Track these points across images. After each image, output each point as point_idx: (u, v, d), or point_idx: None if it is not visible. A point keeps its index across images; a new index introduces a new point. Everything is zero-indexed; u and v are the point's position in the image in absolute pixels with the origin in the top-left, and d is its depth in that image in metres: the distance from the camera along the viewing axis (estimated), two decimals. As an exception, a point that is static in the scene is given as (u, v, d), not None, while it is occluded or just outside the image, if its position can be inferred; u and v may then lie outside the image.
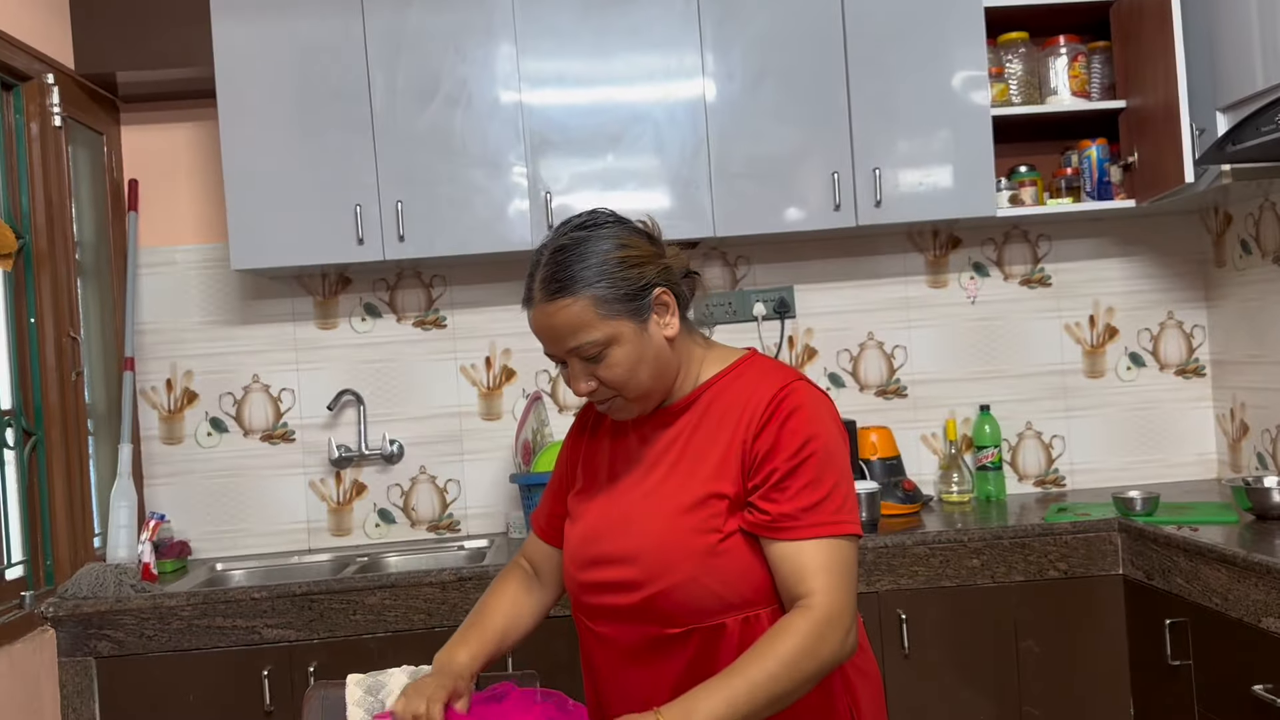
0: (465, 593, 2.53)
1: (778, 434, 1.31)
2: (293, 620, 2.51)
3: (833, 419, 1.36)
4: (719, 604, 1.32)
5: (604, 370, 1.33)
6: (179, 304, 3.06)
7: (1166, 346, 3.17)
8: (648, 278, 1.34)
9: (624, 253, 1.33)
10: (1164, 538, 2.39)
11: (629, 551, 1.35)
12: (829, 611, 1.26)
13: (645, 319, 1.34)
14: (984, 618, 2.58)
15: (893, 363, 3.15)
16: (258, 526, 3.07)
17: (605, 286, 1.31)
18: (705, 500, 1.33)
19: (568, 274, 1.31)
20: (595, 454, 1.49)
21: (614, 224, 1.36)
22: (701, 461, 1.36)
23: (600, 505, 1.43)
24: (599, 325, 1.31)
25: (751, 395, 1.36)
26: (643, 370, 1.35)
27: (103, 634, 2.48)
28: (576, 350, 1.33)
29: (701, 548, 1.31)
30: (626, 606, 1.35)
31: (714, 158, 2.79)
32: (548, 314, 1.32)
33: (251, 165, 2.74)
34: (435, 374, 3.11)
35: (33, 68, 2.61)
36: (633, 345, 1.33)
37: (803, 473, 1.30)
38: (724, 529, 1.32)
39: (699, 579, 1.31)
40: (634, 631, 1.36)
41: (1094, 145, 2.93)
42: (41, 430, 2.62)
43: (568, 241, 1.33)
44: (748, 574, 1.32)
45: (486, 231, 2.78)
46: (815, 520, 1.29)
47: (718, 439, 1.36)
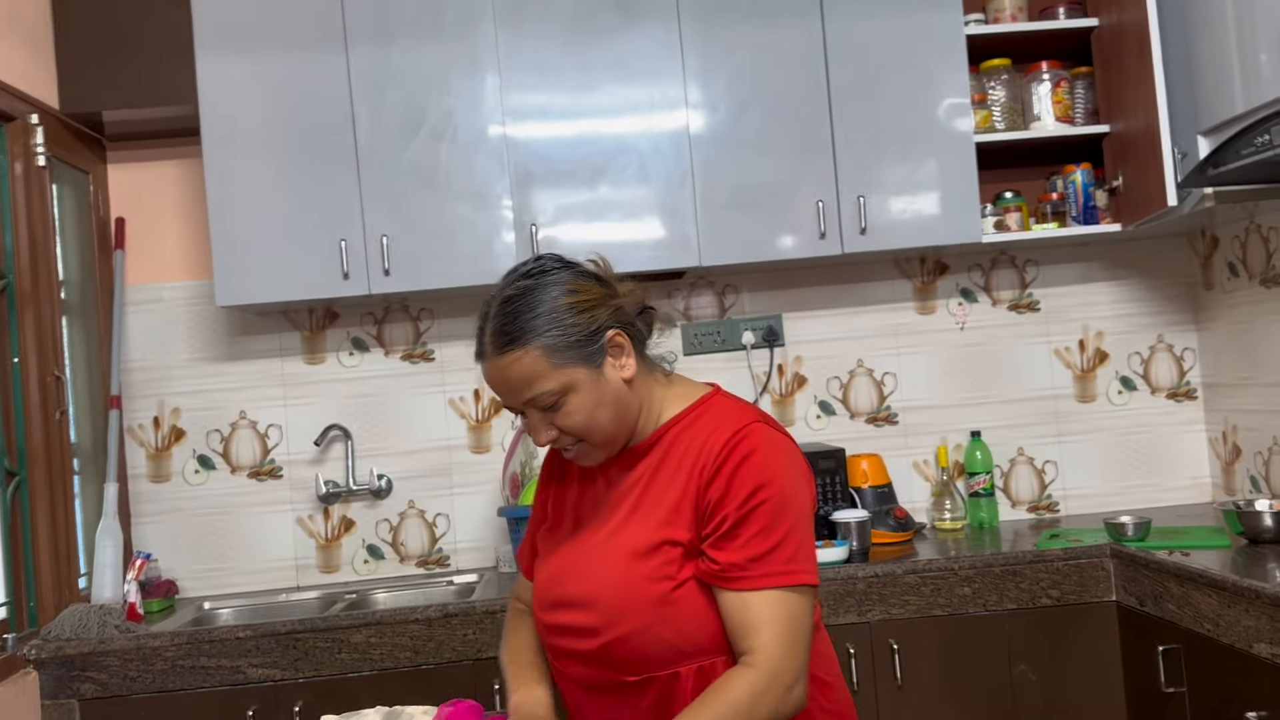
0: (451, 629, 2.51)
1: (729, 481, 1.29)
2: (278, 659, 2.48)
3: (790, 463, 1.32)
4: (673, 653, 1.29)
5: (562, 419, 1.31)
6: (166, 341, 3.05)
7: (1157, 370, 3.16)
8: (599, 321, 1.32)
9: (572, 298, 1.31)
10: (1155, 563, 2.37)
11: (587, 596, 1.33)
12: (770, 669, 1.24)
13: (599, 363, 1.32)
14: (977, 646, 2.55)
15: (883, 390, 3.13)
16: (246, 564, 3.04)
17: (555, 335, 1.29)
18: (659, 547, 1.31)
19: (516, 325, 1.29)
20: (564, 492, 1.47)
21: (560, 269, 1.34)
22: (657, 506, 1.33)
23: (565, 546, 1.41)
24: (552, 375, 1.29)
25: (709, 439, 1.33)
26: (602, 415, 1.32)
27: (86, 676, 2.46)
28: (533, 401, 1.31)
29: (655, 595, 1.29)
30: (585, 651, 1.34)
31: (699, 188, 2.79)
32: (500, 367, 1.30)
33: (236, 201, 2.74)
34: (424, 407, 3.09)
35: (16, 108, 2.62)
36: (589, 392, 1.31)
37: (753, 521, 1.27)
38: (678, 576, 1.29)
39: (652, 627, 1.29)
40: (596, 675, 1.35)
41: (1079, 170, 2.94)
42: (25, 470, 2.60)
43: (514, 291, 1.31)
44: (702, 622, 1.29)
45: (473, 264, 2.78)
46: (765, 570, 1.26)
47: (674, 483, 1.33)
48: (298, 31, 2.75)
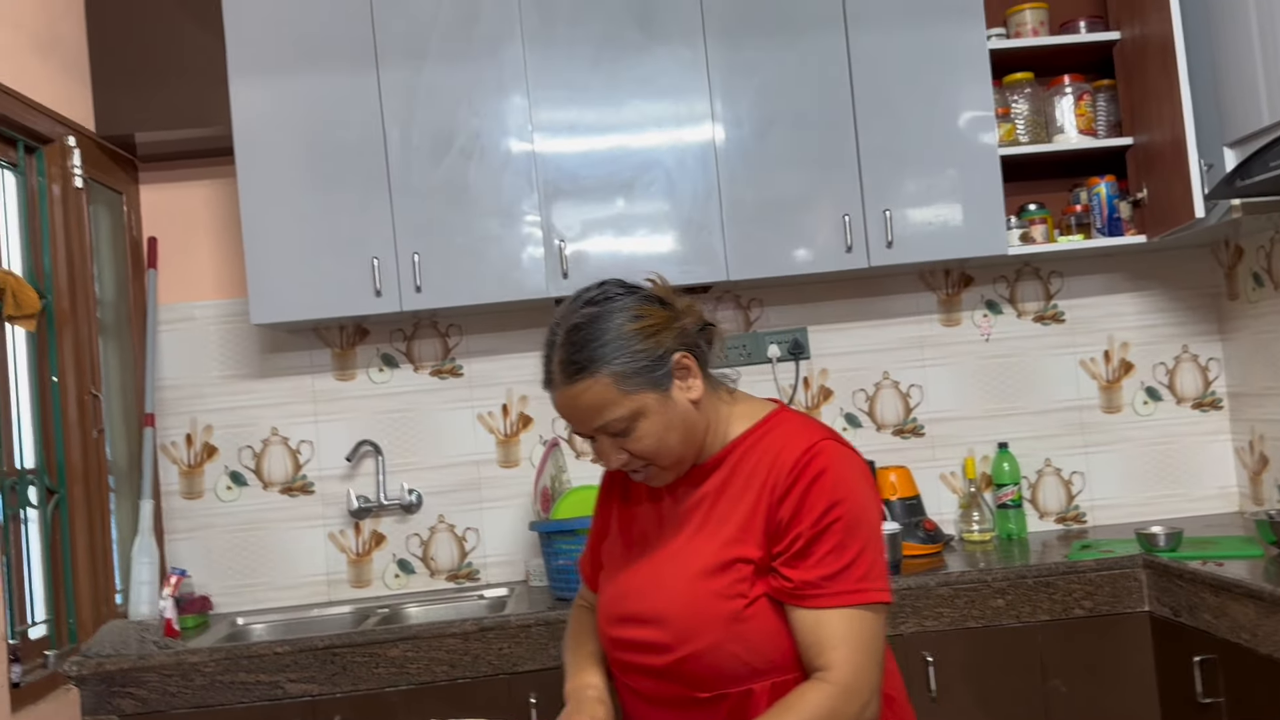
0: (488, 643, 2.52)
1: (802, 498, 1.30)
2: (315, 674, 2.50)
3: (862, 480, 1.34)
4: (746, 670, 1.31)
5: (633, 444, 1.33)
6: (198, 359, 3.08)
7: (1182, 380, 3.17)
8: (665, 345, 1.33)
9: (638, 324, 1.32)
10: (1189, 573, 2.37)
11: (657, 612, 1.35)
12: (844, 684, 1.25)
13: (667, 387, 1.33)
14: (1010, 658, 2.56)
15: (909, 402, 3.15)
16: (278, 579, 3.07)
17: (624, 362, 1.30)
18: (730, 564, 1.32)
19: (585, 354, 1.29)
20: (629, 509, 1.49)
21: (624, 294, 1.35)
22: (726, 523, 1.35)
23: (631, 561, 1.43)
24: (622, 402, 1.30)
25: (778, 456, 1.34)
26: (671, 438, 1.34)
27: (126, 692, 2.48)
28: (603, 428, 1.32)
29: (727, 613, 1.30)
30: (657, 667, 1.35)
31: (725, 202, 2.82)
32: (570, 396, 1.31)
33: (270, 220, 2.77)
34: (453, 422, 3.12)
35: (55, 131, 2.66)
36: (659, 415, 1.32)
37: (826, 539, 1.29)
38: (750, 594, 1.31)
39: (725, 645, 1.30)
40: (665, 690, 1.36)
41: (1103, 182, 2.96)
42: (64, 488, 2.63)
43: (580, 320, 1.32)
44: (775, 640, 1.31)
45: (501, 280, 2.80)
46: (838, 589, 1.28)
47: (743, 500, 1.35)
48: (330, 53, 2.78)
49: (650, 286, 1.40)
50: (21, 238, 2.59)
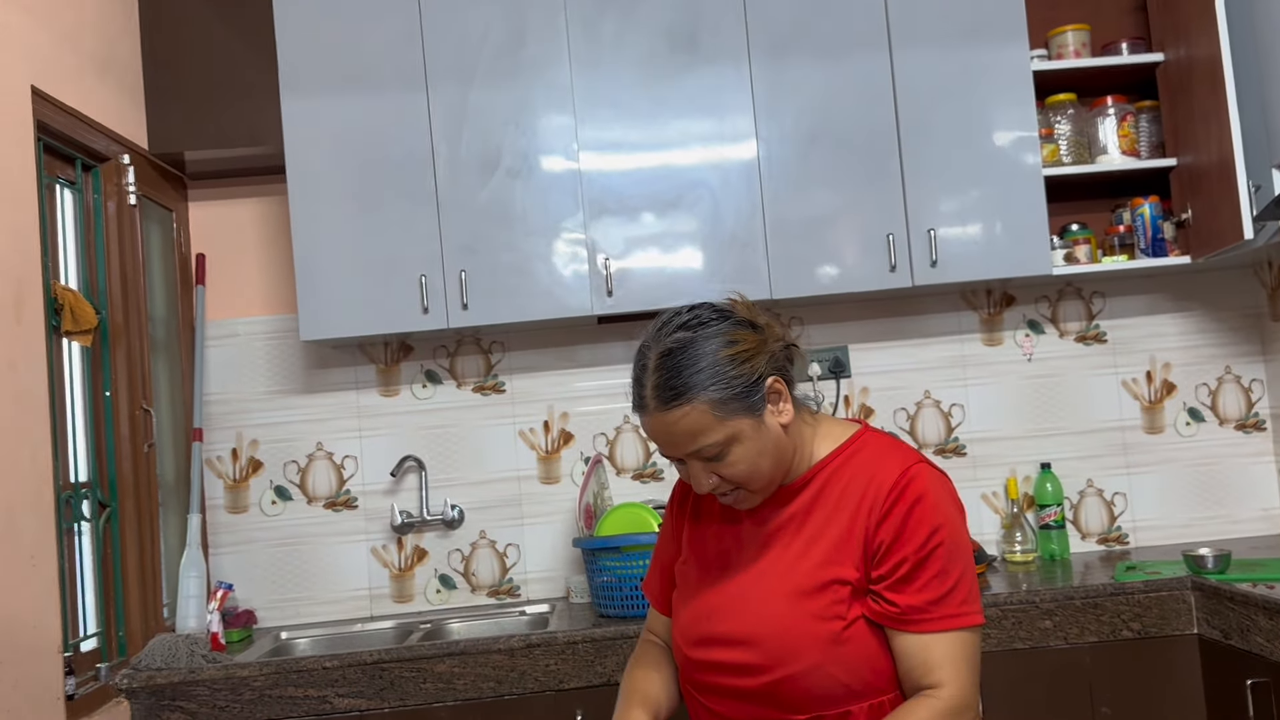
0: (534, 659, 2.53)
1: (903, 523, 1.31)
2: (364, 689, 2.52)
3: (955, 503, 1.36)
4: (845, 692, 1.32)
5: (726, 469, 1.33)
6: (244, 375, 3.12)
7: (1225, 401, 3.16)
8: (759, 370, 1.33)
9: (733, 350, 1.32)
10: (1241, 596, 2.36)
11: (747, 634, 1.35)
12: (956, 702, 1.28)
13: (761, 412, 1.33)
14: (1058, 680, 2.55)
15: (950, 421, 3.15)
16: (321, 594, 3.08)
17: (719, 389, 1.29)
18: (828, 585, 1.33)
19: (681, 380, 1.29)
20: (703, 528, 1.48)
21: (717, 320, 1.35)
22: (818, 543, 1.35)
23: (712, 581, 1.43)
24: (718, 428, 1.30)
25: (873, 478, 1.35)
26: (764, 463, 1.34)
27: (176, 705, 2.50)
28: (697, 453, 1.32)
29: (826, 635, 1.31)
30: (747, 689, 1.35)
31: (769, 220, 2.83)
32: (665, 422, 1.31)
33: (319, 238, 2.80)
34: (495, 439, 3.14)
35: (111, 149, 2.70)
36: (752, 441, 1.32)
37: (930, 564, 1.30)
38: (847, 616, 1.32)
39: (824, 667, 1.31)
40: (753, 712, 1.36)
41: (1147, 203, 2.96)
42: (115, 502, 2.66)
43: (675, 345, 1.31)
44: (873, 661, 1.32)
45: (546, 298, 2.82)
46: (943, 613, 1.30)
47: (836, 521, 1.36)
48: (380, 73, 2.82)
49: (734, 307, 1.40)
50: (79, 254, 2.63)
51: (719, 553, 1.44)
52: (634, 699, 1.44)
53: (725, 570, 1.42)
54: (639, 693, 1.45)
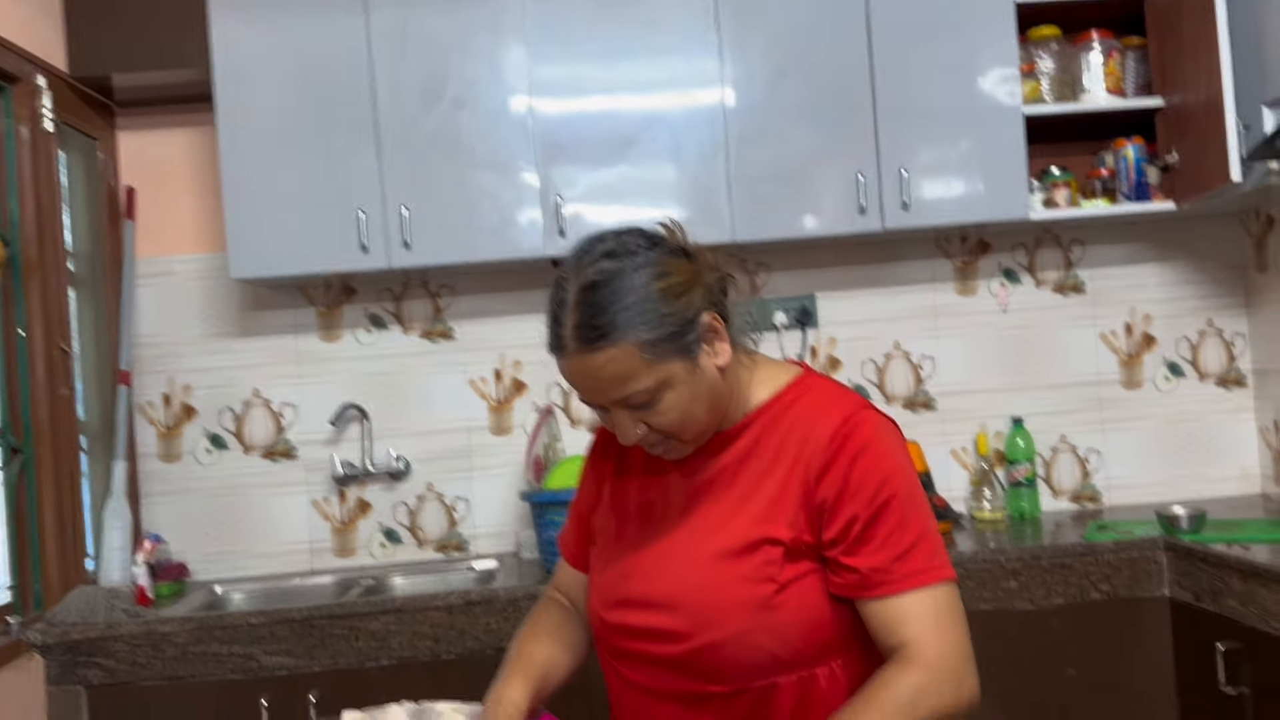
0: (474, 618, 2.41)
1: (846, 476, 1.17)
2: (292, 647, 2.38)
3: (904, 451, 1.22)
4: (772, 662, 1.17)
5: (655, 417, 1.17)
6: (177, 316, 2.95)
7: (1206, 355, 3.03)
8: (694, 306, 1.17)
9: (665, 283, 1.15)
10: (1214, 557, 2.25)
11: (668, 597, 1.21)
12: (929, 661, 1.12)
13: (696, 354, 1.17)
14: (1023, 643, 2.44)
15: (920, 374, 3.01)
16: (259, 547, 2.94)
17: (650, 328, 1.13)
18: (757, 545, 1.18)
19: (606, 318, 1.13)
20: (627, 479, 1.33)
21: (647, 248, 1.18)
22: (751, 500, 1.21)
23: (633, 537, 1.28)
24: (647, 372, 1.14)
25: (811, 427, 1.20)
26: (698, 409, 1.19)
27: (93, 662, 2.36)
28: (624, 401, 1.16)
29: (754, 600, 1.17)
30: (665, 656, 1.21)
31: (733, 161, 2.67)
32: (587, 366, 1.14)
33: (251, 170, 2.63)
34: (443, 387, 2.98)
35: (22, 69, 2.51)
36: (685, 386, 1.17)
37: (885, 518, 1.15)
38: (779, 579, 1.17)
39: (750, 634, 1.16)
40: (673, 682, 1.22)
41: (1130, 144, 2.81)
42: (30, 448, 2.50)
43: (599, 277, 1.15)
44: (805, 629, 1.17)
45: (495, 238, 2.66)
46: (909, 569, 1.15)
47: (771, 475, 1.21)
48: (316, -8, 2.63)
49: (664, 233, 1.23)
50: (-14, 182, 2.45)
51: (642, 506, 1.30)
52: (517, 667, 1.30)
53: (648, 526, 1.28)
54: (523, 659, 1.31)
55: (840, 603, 1.19)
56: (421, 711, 1.49)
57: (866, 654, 1.20)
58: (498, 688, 1.26)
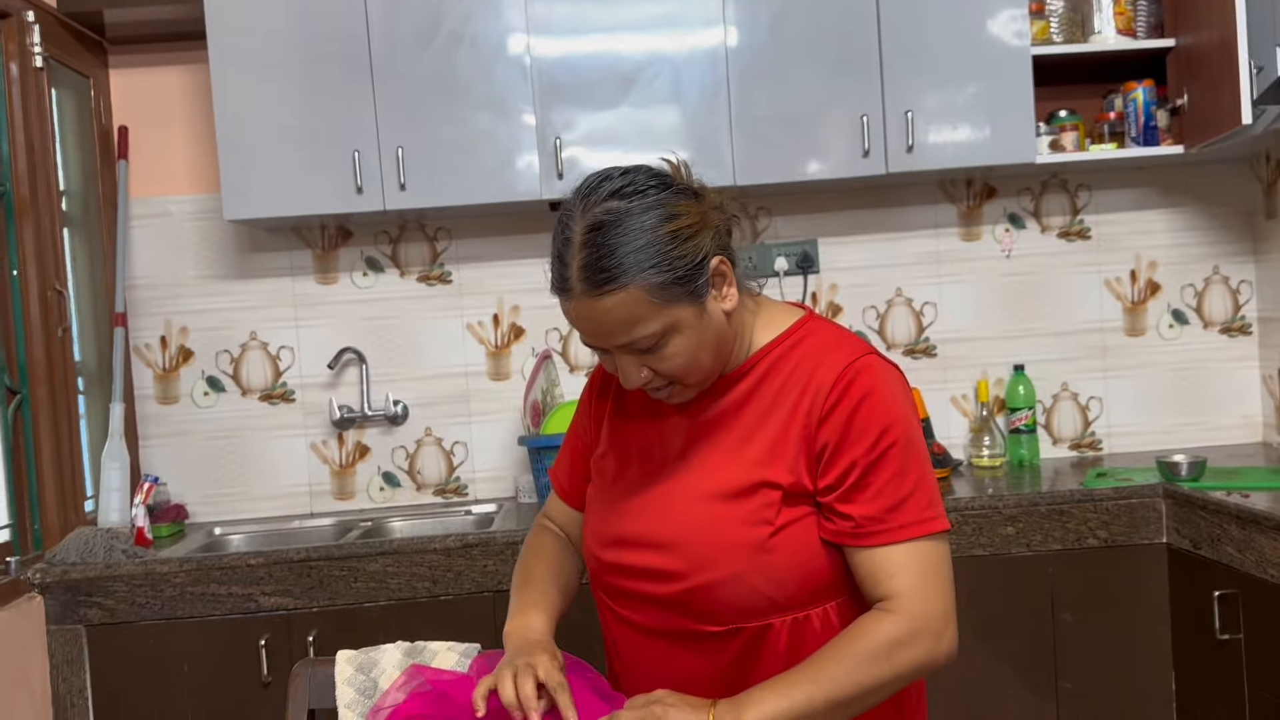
0: (471, 560, 2.41)
1: (848, 423, 1.15)
2: (291, 588, 2.40)
3: (908, 398, 1.19)
4: (767, 604, 1.17)
5: (661, 362, 1.15)
6: (172, 257, 2.92)
7: (1211, 303, 3.00)
8: (704, 248, 1.13)
9: (675, 225, 1.12)
10: (1214, 504, 2.24)
11: (664, 537, 1.20)
12: (911, 614, 1.12)
13: (704, 298, 1.15)
14: (1018, 588, 2.44)
15: (922, 320, 2.98)
16: (257, 489, 2.95)
17: (660, 271, 1.10)
18: (756, 488, 1.17)
19: (615, 260, 1.09)
20: (624, 418, 1.32)
21: (656, 188, 1.13)
22: (750, 443, 1.19)
23: (630, 478, 1.27)
24: (655, 316, 1.11)
25: (814, 371, 1.18)
26: (704, 355, 1.17)
27: (93, 601, 2.37)
28: (629, 345, 1.14)
29: (750, 542, 1.16)
30: (660, 596, 1.21)
31: (735, 102, 2.62)
32: (595, 309, 1.11)
33: (244, 110, 2.59)
34: (441, 332, 2.97)
35: (11, 4, 2.46)
36: (692, 330, 1.14)
37: (884, 467, 1.14)
38: (775, 522, 1.16)
39: (746, 576, 1.16)
40: (665, 621, 1.21)
41: (1140, 87, 2.75)
42: (26, 388, 2.49)
43: (607, 217, 1.11)
44: (800, 572, 1.17)
45: (493, 180, 2.63)
46: (904, 520, 1.14)
47: (772, 418, 1.19)
48: (308, -75, 2.57)
49: (673, 172, 1.19)
50: (-24, 119, 2.41)
51: (641, 447, 1.28)
52: (532, 598, 1.28)
53: (646, 466, 1.26)
54: (536, 590, 1.29)
55: (834, 548, 1.18)
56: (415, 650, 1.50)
57: (860, 598, 1.19)
58: (520, 620, 1.24)
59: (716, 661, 1.19)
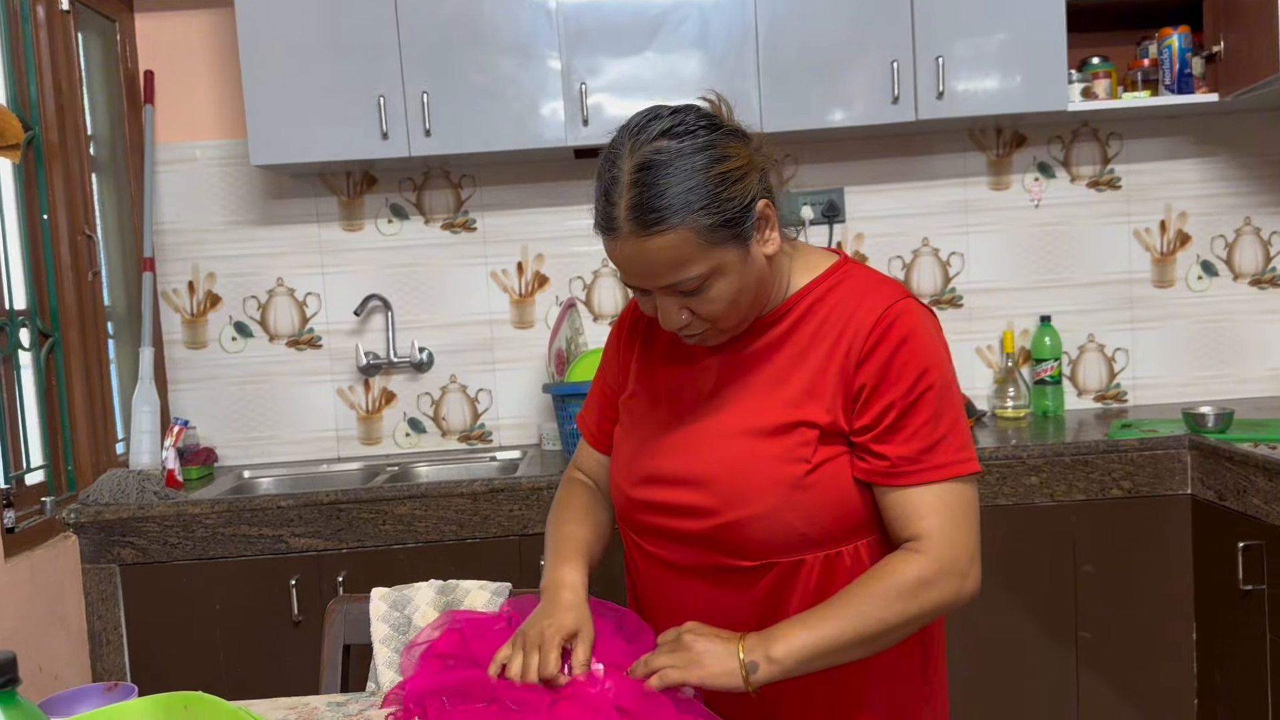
0: (497, 504, 2.44)
1: (888, 365, 1.15)
2: (320, 529, 2.43)
3: (943, 344, 1.20)
4: (801, 540, 1.18)
5: (702, 304, 1.15)
6: (199, 203, 2.93)
7: (1242, 255, 2.97)
8: (751, 191, 1.13)
9: (724, 166, 1.11)
10: (1240, 455, 2.23)
11: (699, 473, 1.21)
12: (938, 554, 1.14)
13: (749, 241, 1.14)
14: (1041, 538, 2.45)
15: (948, 270, 2.97)
16: (286, 434, 2.98)
17: (711, 212, 1.10)
18: (794, 427, 1.18)
19: (665, 200, 1.08)
20: (655, 359, 1.32)
21: (706, 129, 1.13)
22: (787, 383, 1.20)
23: (661, 417, 1.27)
24: (701, 259, 1.11)
25: (853, 313, 1.19)
26: (744, 298, 1.17)
27: (126, 541, 2.42)
28: (674, 286, 1.14)
29: (786, 479, 1.16)
30: (692, 532, 1.22)
31: (763, 47, 2.59)
32: (642, 249, 1.11)
33: (270, 54, 2.58)
34: (465, 279, 2.97)
35: (36, -54, 2.45)
36: (736, 273, 1.14)
37: (920, 409, 1.15)
38: (812, 460, 1.17)
39: (781, 512, 1.17)
40: (696, 558, 1.23)
41: (1175, 33, 2.70)
42: (58, 331, 2.52)
43: (657, 157, 1.10)
44: (835, 510, 1.18)
45: (518, 126, 2.61)
46: (936, 462, 1.15)
47: (809, 358, 1.20)
48: None
49: (719, 113, 1.19)
50: (4, 64, 2.41)
51: (671, 387, 1.29)
52: (566, 549, 1.29)
53: (677, 406, 1.27)
54: (571, 541, 1.30)
55: (866, 487, 1.19)
56: (448, 588, 1.53)
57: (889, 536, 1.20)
58: (554, 573, 1.25)
59: (747, 596, 1.21)
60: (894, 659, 1.22)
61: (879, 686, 1.23)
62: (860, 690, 1.23)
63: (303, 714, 1.24)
